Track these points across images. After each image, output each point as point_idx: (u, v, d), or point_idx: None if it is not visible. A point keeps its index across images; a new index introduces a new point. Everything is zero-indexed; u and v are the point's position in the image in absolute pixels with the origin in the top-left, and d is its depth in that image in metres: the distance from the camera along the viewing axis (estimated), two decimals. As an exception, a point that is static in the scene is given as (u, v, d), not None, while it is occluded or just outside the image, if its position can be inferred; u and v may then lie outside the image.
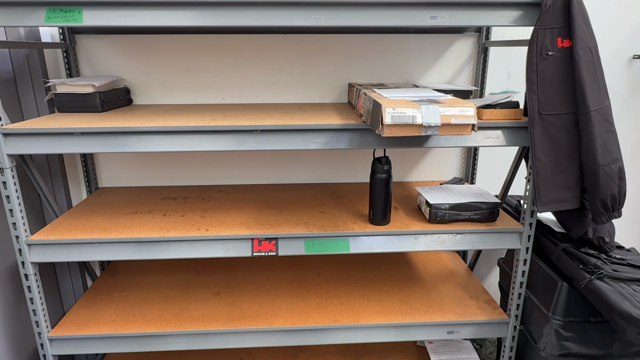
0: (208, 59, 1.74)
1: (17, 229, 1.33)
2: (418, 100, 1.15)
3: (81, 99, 1.49)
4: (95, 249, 1.37)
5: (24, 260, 1.36)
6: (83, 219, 1.51)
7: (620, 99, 1.87)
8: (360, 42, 1.75)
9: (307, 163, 1.90)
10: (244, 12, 1.18)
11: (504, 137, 1.33)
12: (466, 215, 1.43)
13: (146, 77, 1.75)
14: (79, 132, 1.26)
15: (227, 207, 1.61)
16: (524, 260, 1.46)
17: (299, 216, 1.51)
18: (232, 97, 1.79)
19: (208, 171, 1.89)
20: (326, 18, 1.20)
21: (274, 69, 1.76)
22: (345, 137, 1.30)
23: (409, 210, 1.57)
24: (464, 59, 1.80)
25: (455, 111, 1.06)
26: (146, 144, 1.28)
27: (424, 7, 1.20)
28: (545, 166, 1.27)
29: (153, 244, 1.38)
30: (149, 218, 1.51)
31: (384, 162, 1.36)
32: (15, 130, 1.24)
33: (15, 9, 1.16)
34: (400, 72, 1.80)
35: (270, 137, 1.29)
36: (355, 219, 1.49)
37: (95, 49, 1.70)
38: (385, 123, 1.05)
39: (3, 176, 1.28)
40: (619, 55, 1.82)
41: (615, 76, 1.84)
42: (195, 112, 1.51)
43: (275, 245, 1.39)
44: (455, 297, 1.65)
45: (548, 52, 1.21)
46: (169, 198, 1.71)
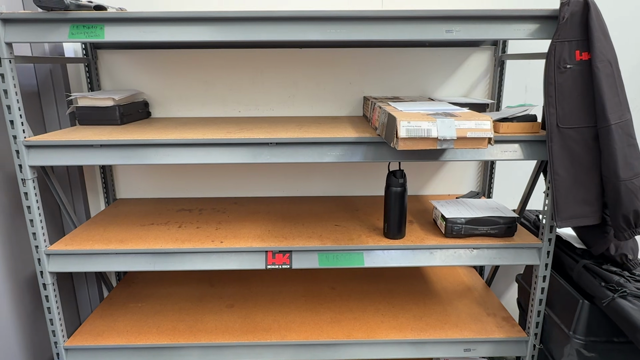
0: (225, 73, 1.77)
1: (37, 239, 1.35)
2: (433, 113, 1.15)
3: (101, 112, 1.53)
4: (112, 259, 1.38)
5: (42, 270, 1.38)
6: (101, 229, 1.53)
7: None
8: (375, 55, 1.76)
9: (322, 176, 1.90)
10: (261, 27, 1.20)
11: (521, 150, 1.31)
12: (483, 230, 1.41)
13: (164, 90, 1.79)
14: (99, 144, 1.29)
15: (242, 219, 1.61)
16: (543, 277, 1.42)
17: (313, 229, 1.51)
18: (248, 110, 1.81)
19: (224, 183, 1.90)
20: (341, 32, 1.21)
21: (290, 83, 1.78)
22: (360, 150, 1.30)
23: (425, 224, 1.55)
24: (480, 72, 1.79)
25: (471, 124, 1.05)
26: (163, 156, 1.30)
27: (439, 21, 1.20)
28: (565, 181, 1.24)
29: (168, 256, 1.39)
30: (164, 229, 1.52)
31: (399, 175, 1.36)
32: (37, 142, 1.28)
33: (41, 25, 1.20)
34: (416, 85, 1.80)
35: (285, 149, 1.30)
36: (369, 232, 1.48)
37: (116, 64, 1.74)
38: (400, 136, 1.04)
39: (25, 187, 1.31)
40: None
41: (637, 89, 1.80)
42: (211, 125, 1.52)
43: (289, 258, 1.39)
44: (472, 313, 1.61)
45: (566, 65, 1.20)
46: (185, 210, 1.73)
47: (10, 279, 1.47)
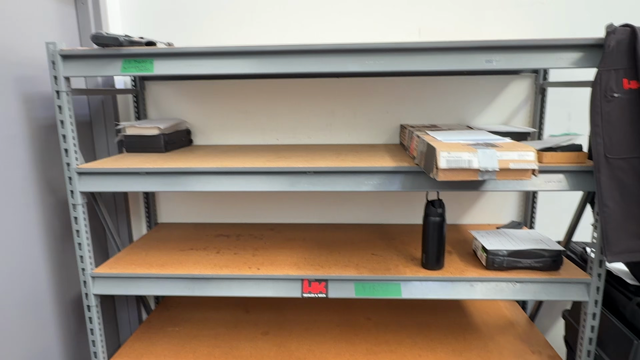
0: (264, 102, 1.82)
1: (84, 262, 1.41)
2: (474, 143, 1.13)
3: (147, 140, 1.60)
4: (152, 283, 1.42)
5: (87, 292, 1.43)
6: (143, 253, 1.58)
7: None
8: (412, 83, 1.77)
9: (358, 203, 1.90)
10: (300, 60, 1.24)
11: (566, 181, 1.27)
12: (526, 263, 1.35)
13: (206, 119, 1.85)
14: (144, 172, 1.34)
15: (279, 246, 1.62)
16: (593, 314, 1.34)
17: (350, 258, 1.50)
18: (286, 138, 1.85)
19: (261, 209, 1.93)
20: (380, 64, 1.23)
21: (327, 111, 1.81)
22: (397, 179, 1.30)
23: (464, 255, 1.51)
24: (521, 99, 1.76)
25: (514, 155, 1.03)
26: (204, 184, 1.34)
27: (479, 51, 1.20)
28: (614, 213, 1.19)
29: (206, 281, 1.41)
30: (203, 255, 1.55)
31: (437, 205, 1.34)
32: (88, 169, 1.35)
33: (96, 61, 1.28)
34: (454, 113, 1.79)
35: (323, 178, 1.31)
36: (407, 262, 1.45)
37: (162, 94, 1.83)
38: (440, 167, 1.03)
39: (75, 212, 1.37)
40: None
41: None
42: (250, 153, 1.56)
43: (325, 287, 1.38)
44: (515, 350, 1.54)
45: (613, 94, 1.16)
46: (223, 235, 1.76)
47: (57, 299, 1.52)
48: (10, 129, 1.32)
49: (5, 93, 1.30)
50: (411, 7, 1.70)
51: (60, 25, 1.53)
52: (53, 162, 1.50)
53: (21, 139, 1.36)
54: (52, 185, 1.50)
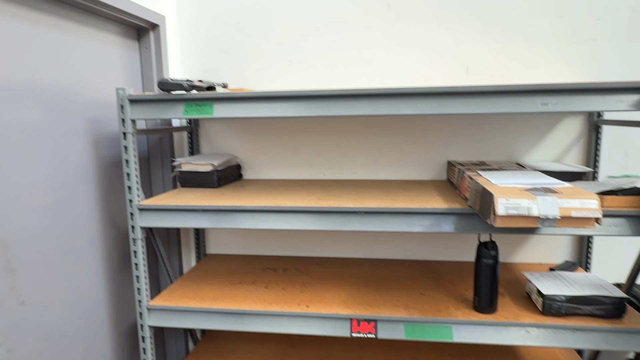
0: (311, 139, 1.86)
1: (141, 294, 1.47)
2: (531, 188, 1.12)
3: (201, 176, 1.66)
4: (204, 317, 1.45)
5: (142, 324, 1.48)
6: (194, 286, 1.62)
7: None
8: (459, 120, 1.77)
9: (405, 239, 1.88)
10: (355, 104, 1.27)
11: (628, 226, 1.22)
12: (586, 310, 1.30)
13: (255, 154, 1.91)
14: (200, 209, 1.40)
15: (325, 282, 1.63)
16: (662, 368, 1.27)
17: (398, 297, 1.49)
18: (333, 173, 1.88)
19: (307, 243, 1.95)
20: (432, 107, 1.24)
21: (374, 148, 1.83)
22: (449, 221, 1.29)
23: (517, 298, 1.46)
24: (573, 136, 1.72)
25: (576, 203, 1.00)
26: (257, 222, 1.38)
27: (535, 95, 1.19)
28: (684, 262, 1.13)
29: (256, 317, 1.43)
30: (252, 289, 1.58)
31: (490, 247, 1.31)
32: (148, 206, 1.41)
33: (161, 105, 1.36)
34: (502, 149, 1.77)
35: (374, 219, 1.32)
36: (458, 304, 1.42)
37: (214, 131, 1.91)
38: (498, 214, 1.03)
39: (135, 246, 1.44)
40: None
41: None
42: (299, 190, 1.60)
43: (374, 327, 1.37)
44: (573, 400, 1.46)
45: (679, 137, 1.12)
46: (270, 269, 1.79)
47: (112, 328, 1.58)
48: (81, 166, 1.41)
49: (78, 133, 1.40)
50: (459, 46, 1.71)
51: (125, 69, 1.65)
52: (115, 197, 1.59)
53: (90, 175, 1.46)
54: (114, 219, 1.59)
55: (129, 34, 1.67)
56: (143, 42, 1.73)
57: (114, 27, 1.57)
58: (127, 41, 1.65)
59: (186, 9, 1.85)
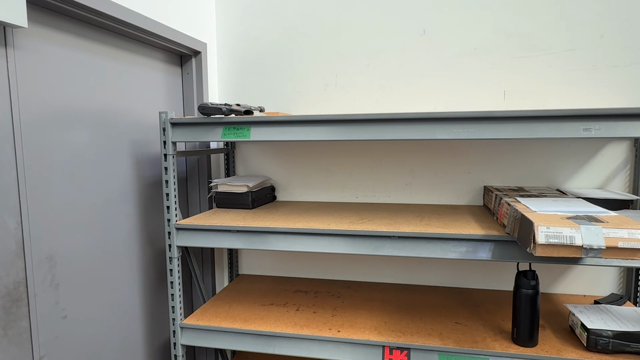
0: (344, 161, 1.87)
1: (175, 312, 1.49)
2: (574, 216, 1.08)
3: (236, 197, 1.70)
4: (236, 338, 1.46)
5: (176, 342, 1.50)
6: (226, 306, 1.64)
7: None
8: (496, 144, 1.73)
9: (439, 266, 1.84)
10: (389, 128, 1.28)
11: (681, 258, 1.15)
12: (636, 348, 1.22)
13: (289, 176, 1.94)
14: (235, 229, 1.42)
15: (357, 306, 1.61)
16: None
17: (432, 325, 1.44)
18: (365, 197, 1.87)
19: (338, 266, 1.94)
20: (468, 132, 1.23)
21: (407, 171, 1.82)
22: (486, 248, 1.25)
23: (559, 331, 1.39)
24: (619, 162, 1.65)
25: (624, 233, 0.96)
26: (290, 244, 1.39)
27: (576, 120, 1.16)
28: None
29: (287, 340, 1.42)
30: (283, 311, 1.57)
31: (530, 277, 1.26)
32: (185, 225, 1.45)
33: (200, 128, 1.41)
34: (541, 175, 1.71)
35: (407, 244, 1.30)
36: (495, 335, 1.37)
37: (249, 153, 1.96)
38: (539, 242, 0.99)
39: (171, 264, 1.47)
40: None
41: None
42: (332, 212, 1.60)
43: (407, 355, 1.34)
44: None
45: None
46: (301, 291, 1.78)
47: (147, 345, 1.61)
48: (124, 186, 1.48)
49: (121, 153, 1.47)
50: (497, 71, 1.70)
51: (168, 93, 1.72)
52: (153, 216, 1.64)
53: (131, 195, 1.52)
54: (152, 237, 1.63)
55: (172, 60, 1.75)
56: (185, 68, 1.81)
57: (159, 54, 1.66)
58: (170, 67, 1.74)
59: (226, 35, 1.92)
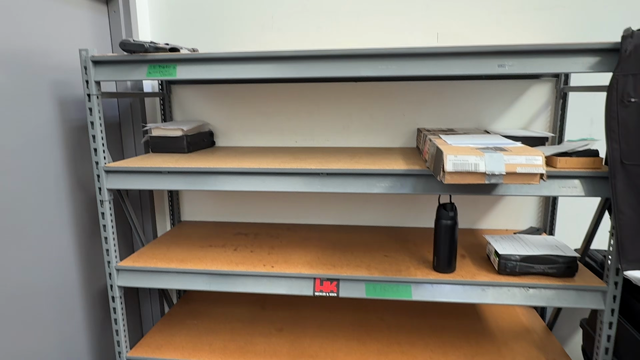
0: (283, 106, 1.87)
1: (109, 255, 1.49)
2: (483, 147, 1.14)
3: (171, 141, 1.67)
4: (172, 278, 1.49)
5: (112, 284, 1.51)
6: (164, 249, 1.65)
7: None
8: (429, 88, 1.78)
9: (374, 206, 1.92)
10: (314, 65, 1.28)
11: (582, 187, 1.25)
12: (540, 269, 1.34)
13: (228, 121, 1.92)
14: (167, 171, 1.42)
15: (294, 245, 1.66)
16: (609, 324, 1.32)
17: (362, 259, 1.52)
18: (304, 141, 1.89)
19: (280, 210, 1.98)
20: (392, 69, 1.25)
21: (344, 115, 1.84)
22: (409, 182, 1.31)
23: (477, 260, 1.50)
24: (541, 104, 1.74)
25: (522, 160, 1.03)
26: (223, 184, 1.40)
27: (491, 56, 1.20)
28: (631, 220, 1.16)
29: (223, 277, 1.46)
30: (221, 252, 1.61)
31: (449, 208, 1.34)
32: (115, 168, 1.43)
33: (124, 66, 1.36)
34: (472, 117, 1.78)
35: (335, 180, 1.34)
36: (418, 264, 1.46)
37: (186, 97, 1.91)
38: (447, 170, 1.05)
39: (102, 207, 1.46)
40: None
41: None
42: (269, 155, 1.61)
43: (336, 286, 1.41)
44: (529, 357, 1.52)
45: (630, 99, 1.14)
46: (242, 234, 1.82)
47: (84, 290, 1.62)
48: (46, 129, 1.42)
49: (42, 96, 1.40)
50: (430, 13, 1.71)
51: (94, 32, 1.63)
52: (83, 161, 1.60)
53: (55, 139, 1.46)
54: (82, 182, 1.60)
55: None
56: (112, 6, 1.71)
57: (79, -11, 1.56)
58: (95, 4, 1.64)
59: (156, -28, 1.82)
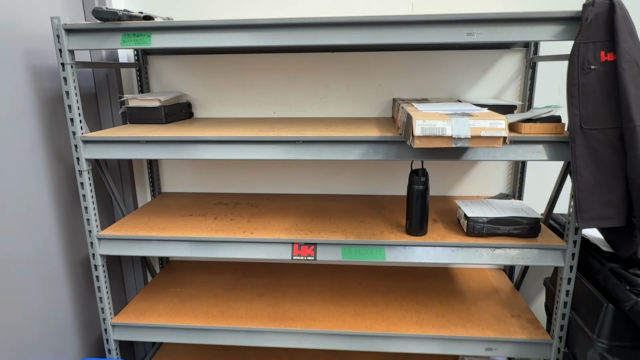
0: (261, 76, 1.88)
1: (90, 224, 1.52)
2: (452, 113, 1.19)
3: (149, 112, 1.68)
4: (153, 245, 1.52)
5: (94, 253, 1.54)
6: (145, 218, 1.68)
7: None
8: (405, 58, 1.81)
9: (351, 175, 1.97)
10: (288, 33, 1.30)
11: (545, 151, 1.32)
12: (505, 230, 1.42)
13: (205, 92, 1.93)
14: (144, 140, 1.43)
15: (273, 214, 1.71)
16: (568, 279, 1.41)
17: (338, 224, 1.58)
18: (282, 112, 1.91)
19: (259, 180, 2.01)
20: (365, 37, 1.28)
21: (322, 85, 1.87)
22: (382, 148, 1.36)
23: (448, 224, 1.58)
24: (512, 73, 1.79)
25: (486, 124, 1.08)
26: (202, 152, 1.42)
27: (460, 25, 1.24)
28: (588, 181, 1.24)
29: (203, 244, 1.51)
30: (202, 220, 1.65)
31: (420, 173, 1.40)
32: (92, 137, 1.44)
33: (97, 34, 1.36)
34: (446, 87, 1.83)
35: (312, 147, 1.38)
36: (392, 229, 1.53)
37: (163, 68, 1.91)
38: (416, 134, 1.10)
39: (81, 178, 1.47)
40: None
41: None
42: (247, 125, 1.64)
43: (313, 250, 1.47)
44: (496, 314, 1.62)
45: (590, 66, 1.20)
46: (222, 203, 1.86)
47: (66, 260, 1.64)
48: (20, 100, 1.41)
49: (15, 66, 1.39)
50: (404, -18, 1.73)
51: (66, 0, 1.61)
52: (60, 132, 1.60)
53: (31, 110, 1.46)
54: (60, 153, 1.60)
55: (66, -37, 1.61)
56: (83, -27, 1.68)
57: (48, -45, 1.52)
58: (64, -29, 1.60)
59: (128, -61, 1.78)
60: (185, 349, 1.97)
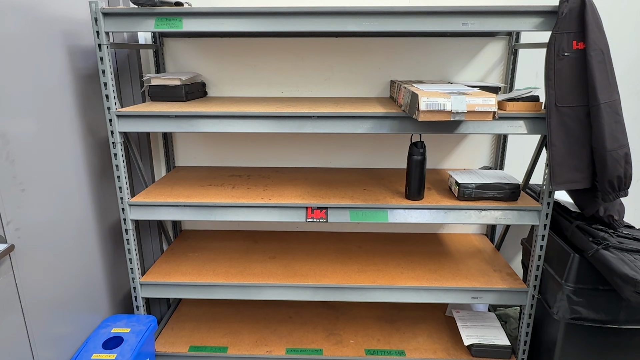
0: (271, 58, 2.05)
1: (122, 192, 1.67)
2: (450, 92, 1.40)
3: (170, 90, 1.83)
4: (180, 210, 1.69)
5: (125, 218, 1.70)
6: (168, 188, 1.84)
7: (644, 97, 2.02)
8: (402, 44, 2.01)
9: (355, 150, 2.17)
10: (306, 20, 1.47)
11: (525, 126, 1.55)
12: (490, 194, 1.65)
13: (218, 73, 2.08)
14: (174, 115, 1.59)
15: (285, 184, 1.90)
16: (542, 236, 1.66)
17: (345, 192, 1.78)
18: (290, 92, 2.09)
19: (267, 154, 2.19)
20: (375, 24, 1.47)
21: (327, 68, 2.05)
22: (387, 123, 1.56)
23: (441, 191, 1.80)
24: (496, 59, 2.01)
25: (479, 100, 1.30)
26: (224, 126, 1.59)
27: (457, 16, 1.44)
28: (560, 151, 1.47)
29: (227, 209, 1.68)
30: (221, 189, 1.82)
31: (419, 145, 1.61)
32: (126, 112, 1.59)
33: (133, 18, 1.50)
34: (438, 71, 2.04)
35: (325, 122, 1.57)
36: (393, 195, 1.74)
37: (179, 50, 2.05)
38: (421, 109, 1.30)
39: (114, 149, 1.62)
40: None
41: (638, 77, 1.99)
42: (261, 103, 1.81)
43: (325, 213, 1.67)
44: (480, 269, 1.87)
45: (564, 53, 1.42)
46: (235, 175, 2.03)
47: (98, 225, 1.79)
48: (58, 77, 1.54)
49: (54, 45, 1.52)
50: (403, -26, 1.91)
51: (92, -15, 1.73)
52: (92, 107, 1.73)
53: (67, 86, 1.59)
54: (92, 127, 1.74)
55: (92, -51, 1.73)
56: (106, -41, 1.79)
57: (78, -58, 1.64)
58: (91, -43, 1.72)
59: None
60: (200, 310, 2.15)
